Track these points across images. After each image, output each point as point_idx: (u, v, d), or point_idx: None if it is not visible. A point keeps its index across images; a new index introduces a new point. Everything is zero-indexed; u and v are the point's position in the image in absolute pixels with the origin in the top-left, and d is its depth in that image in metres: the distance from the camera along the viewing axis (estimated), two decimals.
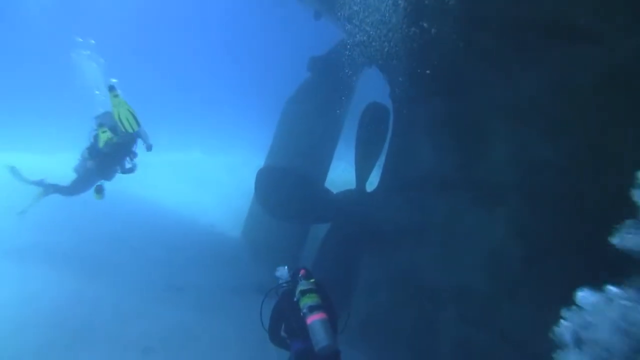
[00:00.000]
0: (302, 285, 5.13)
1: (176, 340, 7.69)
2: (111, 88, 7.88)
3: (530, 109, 6.13)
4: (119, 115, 7.94)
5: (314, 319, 4.82)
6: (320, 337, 4.73)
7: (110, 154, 8.88)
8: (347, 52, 9.08)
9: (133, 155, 8.94)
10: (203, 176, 21.27)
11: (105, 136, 8.32)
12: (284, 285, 5.52)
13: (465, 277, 6.97)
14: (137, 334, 7.61)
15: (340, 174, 12.54)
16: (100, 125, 8.32)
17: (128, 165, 9.41)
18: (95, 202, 9.06)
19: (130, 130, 8.06)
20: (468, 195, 7.10)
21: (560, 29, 5.72)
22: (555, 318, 5.62)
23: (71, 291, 8.30)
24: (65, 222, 9.42)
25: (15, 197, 8.95)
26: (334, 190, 10.49)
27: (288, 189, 9.95)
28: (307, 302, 4.94)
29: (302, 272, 5.40)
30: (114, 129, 8.27)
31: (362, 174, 9.88)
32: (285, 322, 5.33)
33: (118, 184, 9.26)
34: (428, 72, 7.38)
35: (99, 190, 8.62)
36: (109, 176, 9.45)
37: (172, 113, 28.34)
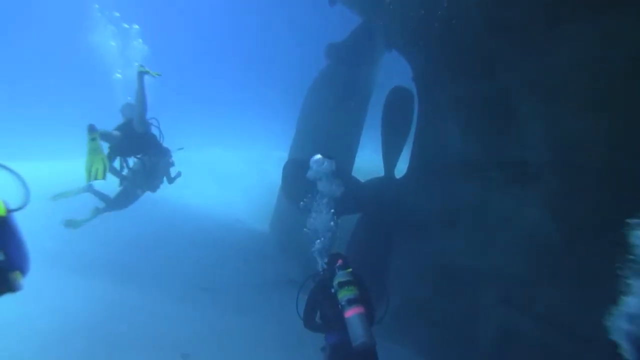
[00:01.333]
0: (340, 277, 5.05)
1: (213, 343, 7.62)
2: (90, 128, 7.12)
3: (563, 85, 5.82)
4: (90, 165, 7.20)
5: (353, 314, 4.77)
6: (358, 332, 4.69)
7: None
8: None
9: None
10: (226, 171, 21.32)
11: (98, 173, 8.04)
12: (320, 273, 5.51)
13: (502, 261, 6.75)
14: (174, 340, 7.55)
15: (366, 161, 12.31)
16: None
17: (173, 175, 9.51)
18: None
19: (94, 180, 7.33)
20: (500, 177, 6.86)
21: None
22: (602, 300, 5.46)
23: (104, 299, 8.25)
24: (89, 229, 9.36)
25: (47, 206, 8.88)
26: (361, 179, 10.31)
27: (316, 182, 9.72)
28: (345, 294, 4.88)
29: (339, 261, 5.31)
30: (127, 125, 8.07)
31: (389, 161, 9.68)
32: (320, 311, 5.29)
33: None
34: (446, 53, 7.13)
35: None
36: (154, 188, 9.49)
37: (188, 111, 28.37)
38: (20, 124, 22.07)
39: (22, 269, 3.49)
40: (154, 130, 8.64)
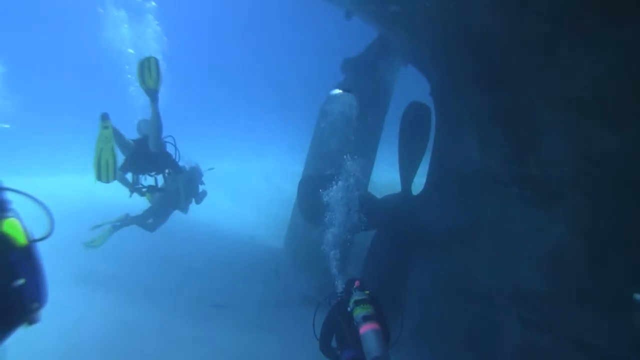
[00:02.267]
0: (357, 296, 5.17)
1: None
2: (104, 116, 7.19)
3: (588, 98, 5.66)
4: (99, 158, 7.23)
5: (367, 329, 4.89)
6: (372, 347, 4.75)
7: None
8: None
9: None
10: (238, 185, 21.20)
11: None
12: (338, 296, 5.60)
13: (525, 280, 6.57)
14: None
15: (381, 176, 12.19)
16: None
17: (201, 194, 9.56)
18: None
19: (105, 181, 7.31)
20: (522, 193, 6.69)
21: (620, 7, 5.25)
22: (629, 320, 5.26)
23: (117, 319, 8.10)
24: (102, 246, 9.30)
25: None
26: (377, 193, 10.17)
27: (333, 199, 9.61)
28: (361, 312, 4.97)
29: (356, 283, 5.42)
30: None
31: (407, 177, 9.53)
32: (336, 333, 5.36)
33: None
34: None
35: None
36: (184, 208, 9.52)
37: (196, 124, 28.27)
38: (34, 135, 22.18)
39: (41, 300, 3.43)
40: (170, 148, 8.58)
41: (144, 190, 8.42)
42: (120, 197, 8.73)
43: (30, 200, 3.42)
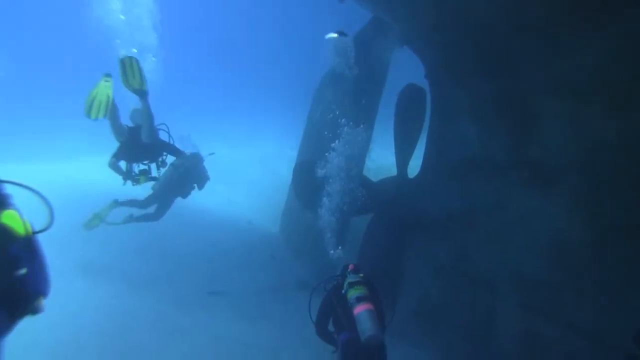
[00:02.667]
0: (351, 278, 5.27)
1: (228, 353, 7.46)
2: (107, 73, 7.61)
3: (590, 85, 5.58)
4: (93, 97, 7.49)
5: (361, 309, 4.97)
6: (366, 326, 4.86)
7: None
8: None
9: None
10: (232, 170, 21.02)
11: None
12: (332, 280, 5.64)
13: (524, 264, 6.55)
14: (188, 350, 7.42)
15: (375, 159, 12.12)
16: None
17: (203, 178, 9.69)
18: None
19: (92, 118, 7.52)
20: (521, 178, 6.63)
21: None
22: (632, 306, 5.24)
23: (114, 308, 8.11)
24: (97, 235, 9.22)
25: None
26: (372, 177, 10.12)
27: (328, 183, 9.54)
28: (354, 293, 5.10)
29: (351, 267, 5.52)
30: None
31: (402, 160, 9.48)
32: (333, 316, 5.42)
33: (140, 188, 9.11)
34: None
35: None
36: (185, 194, 9.63)
37: (186, 105, 27.82)
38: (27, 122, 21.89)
39: (44, 291, 3.46)
40: (164, 135, 8.52)
41: (137, 178, 8.39)
42: (112, 184, 8.68)
43: (28, 191, 3.39)
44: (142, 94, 7.77)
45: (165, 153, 8.61)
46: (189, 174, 9.50)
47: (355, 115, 9.86)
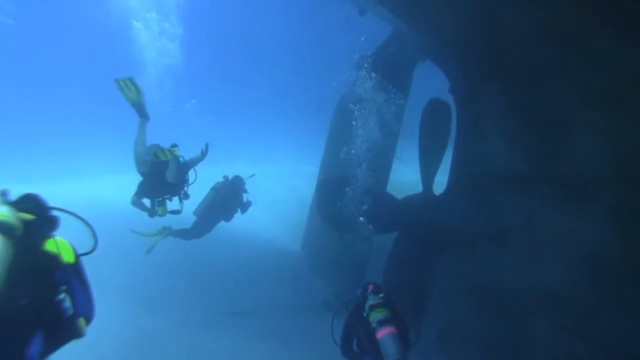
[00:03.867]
0: (371, 300, 5.20)
1: None
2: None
3: (627, 95, 5.31)
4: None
5: (384, 333, 4.91)
6: (390, 351, 4.81)
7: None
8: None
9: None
10: (251, 187, 20.85)
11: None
12: (354, 300, 5.57)
13: (559, 284, 6.24)
14: None
15: (398, 176, 11.92)
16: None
17: (245, 204, 9.81)
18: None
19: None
20: (552, 193, 6.37)
21: None
22: None
23: (134, 327, 7.97)
24: (114, 252, 9.10)
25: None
26: (396, 194, 9.89)
27: (352, 200, 9.37)
28: (376, 316, 5.02)
29: (370, 287, 5.44)
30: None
31: (428, 176, 9.22)
32: (356, 337, 5.34)
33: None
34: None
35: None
36: (228, 217, 9.70)
37: (201, 124, 27.94)
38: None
39: (88, 315, 3.57)
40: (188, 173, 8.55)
41: (159, 210, 8.35)
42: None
43: (70, 216, 3.57)
44: (141, 110, 7.81)
45: (187, 186, 8.54)
46: (231, 197, 9.54)
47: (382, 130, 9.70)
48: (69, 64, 27.86)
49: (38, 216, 3.41)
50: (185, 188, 8.43)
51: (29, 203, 3.44)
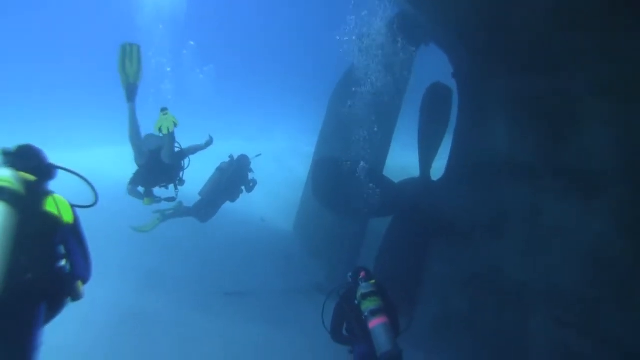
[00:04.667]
0: (363, 288, 5.15)
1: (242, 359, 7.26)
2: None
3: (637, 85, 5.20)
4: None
5: (376, 324, 4.89)
6: (382, 342, 4.80)
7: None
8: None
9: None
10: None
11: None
12: (345, 286, 5.54)
13: (559, 277, 6.15)
14: (208, 355, 7.20)
15: (396, 159, 11.81)
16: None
17: (251, 183, 9.81)
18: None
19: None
20: (556, 184, 6.25)
21: None
22: None
23: (126, 308, 7.86)
24: (108, 232, 9.03)
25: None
26: (393, 178, 9.77)
27: (348, 182, 9.24)
28: (368, 305, 5.04)
29: (362, 273, 5.38)
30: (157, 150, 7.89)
31: (426, 161, 9.12)
32: (346, 323, 5.36)
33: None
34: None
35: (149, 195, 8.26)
36: (234, 197, 9.70)
37: (205, 98, 27.73)
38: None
39: (85, 278, 3.55)
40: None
41: (156, 199, 8.33)
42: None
43: (71, 174, 3.56)
44: (133, 90, 7.44)
45: (182, 172, 8.41)
46: (237, 177, 9.52)
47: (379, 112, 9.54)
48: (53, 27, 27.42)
49: (39, 176, 3.34)
50: (181, 174, 8.32)
51: (30, 161, 3.35)
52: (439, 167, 8.87)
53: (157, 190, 8.44)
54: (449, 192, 8.20)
